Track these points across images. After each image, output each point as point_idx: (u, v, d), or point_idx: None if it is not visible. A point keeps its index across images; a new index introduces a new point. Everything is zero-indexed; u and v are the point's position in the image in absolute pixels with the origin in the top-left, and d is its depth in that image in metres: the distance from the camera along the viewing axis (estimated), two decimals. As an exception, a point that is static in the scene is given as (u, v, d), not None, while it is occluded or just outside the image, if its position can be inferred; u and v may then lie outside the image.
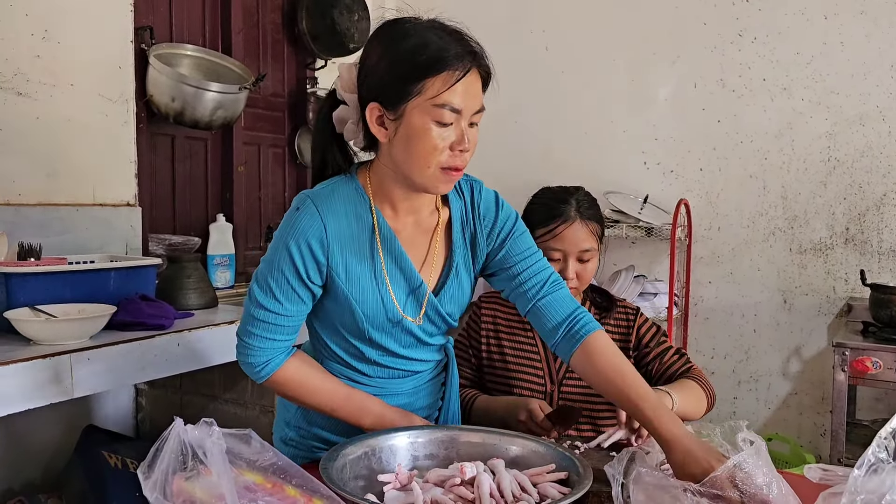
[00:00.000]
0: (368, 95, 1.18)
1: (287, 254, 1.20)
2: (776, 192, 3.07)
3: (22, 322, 1.72)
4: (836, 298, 2.98)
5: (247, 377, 2.26)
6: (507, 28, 3.51)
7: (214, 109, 2.62)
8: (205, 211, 2.95)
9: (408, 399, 1.36)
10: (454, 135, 1.15)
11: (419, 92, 1.13)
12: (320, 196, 1.22)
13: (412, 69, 1.13)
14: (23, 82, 2.18)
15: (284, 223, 1.22)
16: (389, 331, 1.28)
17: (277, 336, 1.23)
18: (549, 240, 1.58)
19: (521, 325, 1.66)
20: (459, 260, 1.32)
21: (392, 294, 1.25)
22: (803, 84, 3.00)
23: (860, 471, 0.86)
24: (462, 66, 1.13)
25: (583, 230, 1.59)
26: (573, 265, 1.58)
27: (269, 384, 1.26)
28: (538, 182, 1.71)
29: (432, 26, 1.17)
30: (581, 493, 0.96)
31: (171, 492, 0.82)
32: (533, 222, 1.61)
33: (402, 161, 1.18)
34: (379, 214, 1.25)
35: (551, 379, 1.61)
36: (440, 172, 1.17)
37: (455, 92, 1.13)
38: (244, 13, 3.06)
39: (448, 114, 1.13)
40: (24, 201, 2.18)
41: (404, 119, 1.15)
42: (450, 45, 1.14)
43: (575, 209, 1.60)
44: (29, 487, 2.19)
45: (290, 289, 1.21)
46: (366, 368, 1.32)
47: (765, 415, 3.12)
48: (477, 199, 1.35)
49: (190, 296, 2.25)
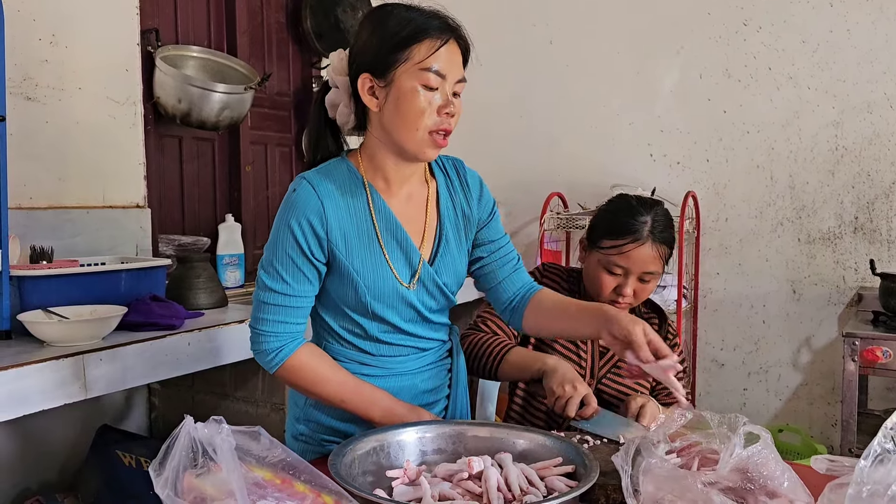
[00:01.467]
0: (359, 69, 1.27)
1: (289, 232, 1.26)
2: (784, 182, 3.06)
3: (35, 324, 1.74)
4: (846, 288, 2.97)
5: (258, 375, 2.31)
6: (511, 22, 3.51)
7: (221, 110, 2.64)
8: (213, 211, 2.97)
9: (411, 380, 1.38)
10: (440, 98, 1.24)
11: (406, 59, 1.23)
12: (315, 177, 1.30)
13: (399, 39, 1.24)
14: (32, 87, 2.21)
15: (283, 206, 1.29)
16: (391, 303, 1.32)
17: (288, 319, 1.28)
18: (614, 255, 1.53)
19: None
20: (450, 230, 1.39)
21: (391, 264, 1.31)
22: (809, 73, 2.99)
23: (866, 461, 0.86)
24: (443, 36, 1.24)
25: (651, 252, 1.53)
26: (632, 284, 1.54)
27: (282, 373, 1.30)
28: (544, 175, 1.70)
29: (413, 7, 1.28)
30: (587, 486, 0.97)
31: (181, 488, 0.83)
32: (602, 231, 1.56)
33: (392, 127, 1.26)
34: (373, 189, 1.32)
35: (592, 374, 1.61)
36: (428, 136, 1.25)
37: (439, 57, 1.23)
38: (248, 13, 3.07)
39: (434, 77, 1.23)
40: (35, 205, 2.21)
41: (394, 84, 1.24)
42: (431, 19, 1.25)
43: (649, 229, 1.53)
44: (46, 487, 2.22)
45: (295, 268, 1.27)
46: (369, 346, 1.35)
47: (775, 406, 3.12)
48: (462, 173, 1.44)
49: (200, 296, 2.27)
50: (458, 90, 1.28)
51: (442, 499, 1.01)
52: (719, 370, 3.22)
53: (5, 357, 1.62)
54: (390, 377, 1.36)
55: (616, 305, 1.56)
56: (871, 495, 0.82)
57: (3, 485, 2.12)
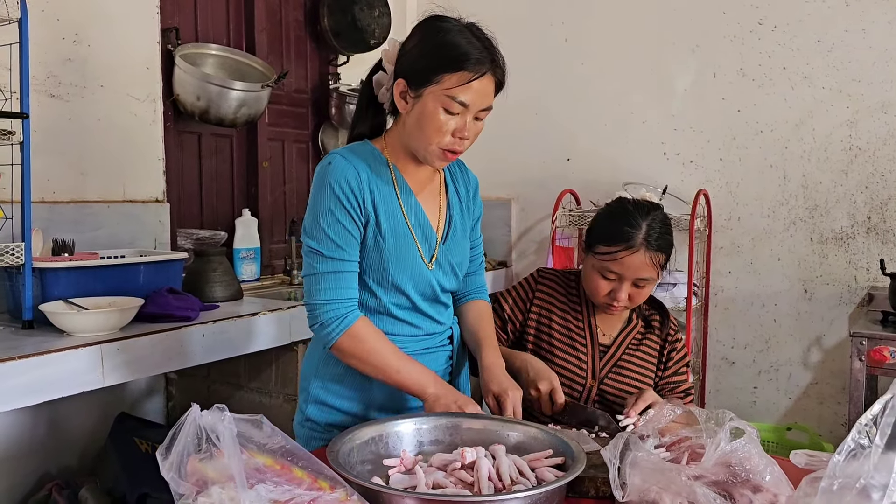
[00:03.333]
0: (399, 72, 1.37)
1: (331, 192, 1.34)
2: (797, 182, 3.06)
3: (56, 314, 1.81)
4: (858, 288, 2.97)
5: (271, 367, 2.37)
6: (526, 21, 3.54)
7: (238, 107, 2.70)
8: (231, 206, 3.04)
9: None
10: (457, 123, 1.33)
11: (437, 82, 1.31)
12: (345, 152, 1.40)
13: (436, 62, 1.31)
14: (55, 84, 2.28)
15: (318, 177, 1.38)
16: (410, 274, 1.40)
17: (344, 285, 1.35)
18: (608, 261, 1.54)
19: (574, 312, 1.66)
20: (456, 215, 1.51)
21: (416, 239, 1.41)
22: (824, 72, 2.98)
23: (840, 456, 0.89)
24: (478, 69, 1.31)
25: (645, 260, 1.52)
26: (626, 289, 1.54)
27: (344, 341, 1.34)
28: (557, 172, 1.73)
29: (468, 29, 1.34)
30: (573, 475, 1.01)
31: (185, 472, 0.88)
32: (596, 236, 1.58)
33: (411, 133, 1.37)
34: (396, 170, 1.43)
35: (593, 374, 1.63)
36: (440, 151, 1.35)
37: (468, 90, 1.30)
38: (267, 12, 3.13)
39: (456, 105, 1.31)
40: (58, 199, 2.28)
41: (421, 100, 1.33)
42: (473, 50, 1.31)
43: (643, 237, 1.52)
44: (66, 472, 2.30)
45: (342, 228, 1.35)
46: (377, 321, 1.41)
47: (785, 404, 3.12)
48: (464, 172, 1.58)
49: (216, 288, 2.34)
50: (482, 116, 1.36)
51: (436, 487, 1.06)
52: (730, 368, 3.23)
53: (27, 346, 1.70)
54: None
55: (611, 309, 1.59)
56: (842, 488, 0.85)
57: (24, 470, 2.20)
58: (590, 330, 1.65)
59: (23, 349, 1.66)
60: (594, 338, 1.64)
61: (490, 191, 3.45)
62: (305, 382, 1.49)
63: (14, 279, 1.94)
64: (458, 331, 1.57)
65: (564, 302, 1.68)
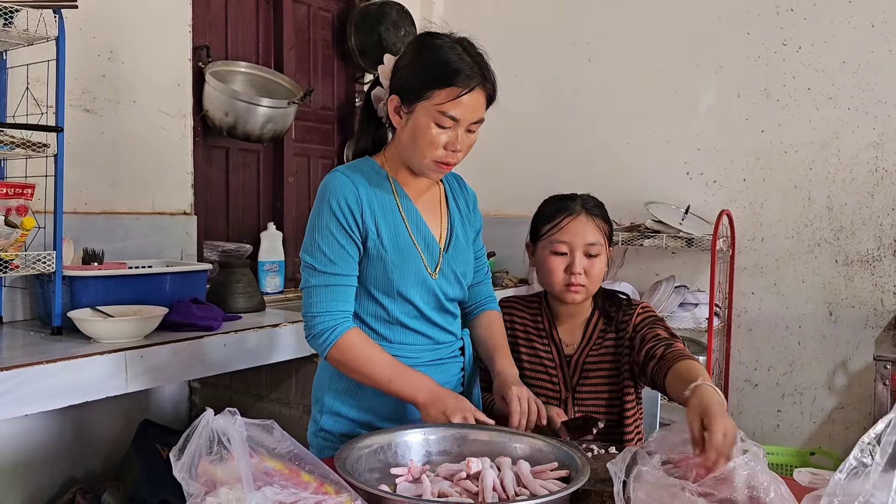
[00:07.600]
0: (393, 88, 1.42)
1: (329, 210, 1.39)
2: (821, 203, 3.03)
3: (84, 321, 1.87)
4: (884, 311, 2.93)
5: (291, 378, 2.41)
6: (550, 40, 3.57)
7: (265, 123, 2.77)
8: (256, 219, 3.10)
9: (424, 373, 1.44)
10: (449, 137, 1.37)
11: (428, 97, 1.35)
12: (345, 170, 1.44)
13: (427, 79, 1.35)
14: (90, 100, 2.36)
15: (319, 194, 1.43)
16: (415, 284, 1.44)
17: (337, 298, 1.39)
18: (554, 234, 1.61)
19: (536, 330, 1.70)
20: (458, 225, 1.55)
21: (419, 249, 1.45)
22: (850, 93, 2.96)
23: (842, 474, 0.89)
24: (467, 84, 1.34)
25: (589, 223, 1.60)
26: (580, 259, 1.58)
27: (335, 352, 1.38)
28: (579, 190, 1.72)
29: (459, 45, 1.38)
30: (575, 487, 1.02)
31: (196, 473, 0.91)
32: (540, 222, 1.65)
33: (406, 147, 1.42)
34: (396, 183, 1.47)
35: (566, 385, 1.65)
36: (434, 164, 1.40)
37: (458, 104, 1.35)
38: (296, 30, 3.21)
39: (447, 120, 1.36)
40: (89, 210, 2.36)
41: (413, 115, 1.38)
42: (463, 66, 1.35)
43: (580, 205, 1.62)
44: (90, 477, 2.36)
45: (337, 245, 1.39)
46: (389, 332, 1.45)
47: (809, 429, 3.08)
48: (463, 186, 1.62)
49: (239, 300, 2.38)
50: (473, 129, 1.40)
51: (441, 496, 1.07)
52: (752, 391, 3.20)
53: (55, 351, 1.75)
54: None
55: (571, 290, 1.59)
56: (840, 507, 0.85)
57: (50, 473, 2.26)
58: (554, 344, 1.67)
59: (51, 354, 1.71)
60: (560, 350, 1.67)
61: (511, 208, 3.47)
62: (319, 393, 1.52)
63: (45, 286, 2.01)
64: (470, 343, 1.59)
65: (527, 323, 1.71)
